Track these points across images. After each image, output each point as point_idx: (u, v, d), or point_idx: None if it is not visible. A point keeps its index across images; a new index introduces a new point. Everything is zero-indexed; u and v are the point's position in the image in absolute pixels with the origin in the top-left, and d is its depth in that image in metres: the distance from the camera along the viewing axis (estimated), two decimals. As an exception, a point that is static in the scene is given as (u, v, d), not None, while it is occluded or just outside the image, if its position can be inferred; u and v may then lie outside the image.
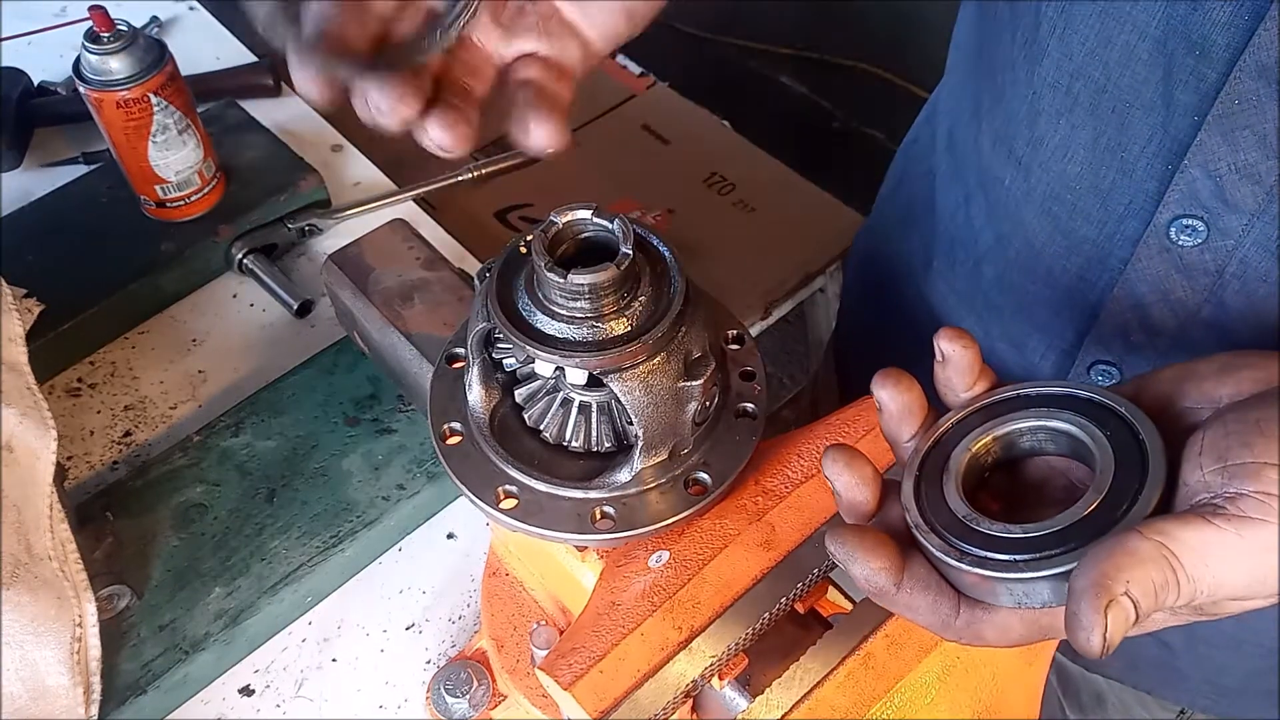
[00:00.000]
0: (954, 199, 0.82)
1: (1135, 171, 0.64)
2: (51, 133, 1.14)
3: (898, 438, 0.50)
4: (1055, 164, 0.68)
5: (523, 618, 0.71)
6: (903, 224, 0.93)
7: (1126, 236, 0.66)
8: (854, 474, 0.48)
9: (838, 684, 0.50)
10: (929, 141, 0.89)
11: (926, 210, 0.87)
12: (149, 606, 0.74)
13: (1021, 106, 0.69)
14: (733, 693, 0.53)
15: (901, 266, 0.92)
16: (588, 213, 0.52)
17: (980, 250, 0.80)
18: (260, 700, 0.76)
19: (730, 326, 0.62)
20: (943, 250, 0.85)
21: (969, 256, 0.81)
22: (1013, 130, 0.71)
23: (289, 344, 0.96)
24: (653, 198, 1.69)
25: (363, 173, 1.12)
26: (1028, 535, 0.43)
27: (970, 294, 0.82)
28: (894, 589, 0.45)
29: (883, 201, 1.01)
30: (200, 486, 0.80)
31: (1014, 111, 0.70)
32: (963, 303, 0.84)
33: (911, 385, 0.49)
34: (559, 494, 0.56)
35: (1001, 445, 0.49)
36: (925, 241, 0.87)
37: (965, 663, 0.52)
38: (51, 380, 0.93)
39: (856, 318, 1.07)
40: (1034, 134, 0.69)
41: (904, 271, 0.92)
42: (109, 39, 0.89)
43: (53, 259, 0.96)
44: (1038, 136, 0.68)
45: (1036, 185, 0.70)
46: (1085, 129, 0.65)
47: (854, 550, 0.45)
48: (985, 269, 0.79)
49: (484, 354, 0.57)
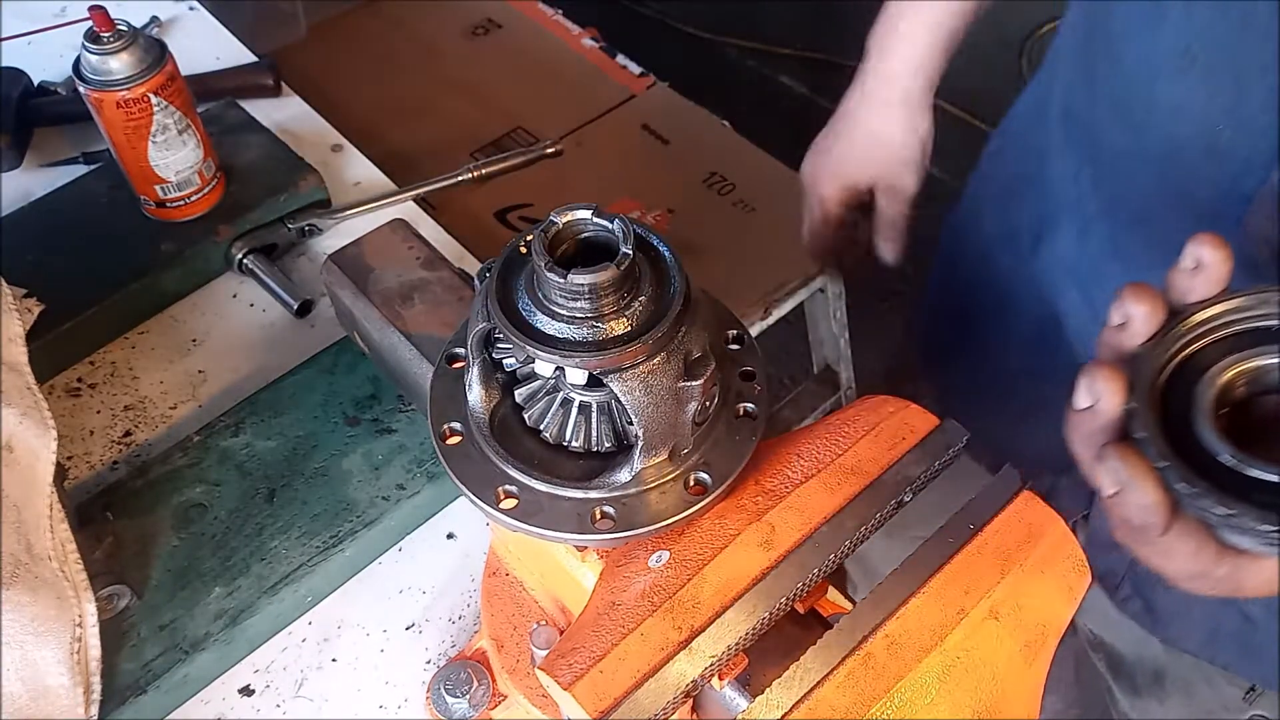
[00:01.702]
0: (1066, 169, 0.83)
1: (1252, 130, 0.64)
2: (51, 133, 1.14)
3: (1121, 349, 0.49)
4: (1170, 126, 0.69)
5: (523, 618, 0.71)
6: (1002, 201, 0.96)
7: (1241, 194, 0.66)
8: (1119, 387, 0.46)
9: (838, 684, 0.50)
10: (1036, 118, 0.91)
11: (1031, 185, 0.89)
12: (149, 606, 0.74)
13: (1140, 71, 0.70)
14: (733, 693, 0.53)
15: (1001, 242, 0.95)
16: (588, 213, 0.52)
17: (1088, 218, 0.81)
18: (260, 700, 0.76)
19: (730, 326, 0.62)
20: (1050, 222, 0.86)
21: (1075, 225, 0.82)
22: (1130, 95, 0.72)
23: (289, 344, 0.96)
24: (653, 198, 1.69)
25: (363, 173, 1.12)
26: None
27: (1075, 263, 0.84)
28: (1161, 528, 0.44)
29: (980, 179, 1.04)
30: (200, 486, 0.80)
31: (1132, 77, 0.71)
32: (1068, 274, 0.85)
33: (1161, 307, 0.48)
34: (559, 494, 0.56)
35: (1249, 380, 0.46)
36: (1032, 215, 0.89)
37: (965, 663, 0.52)
38: (51, 380, 0.93)
39: (946, 297, 1.10)
40: (1151, 97, 0.69)
41: (1003, 246, 0.94)
42: (109, 39, 0.89)
43: (53, 259, 0.96)
44: (1154, 99, 0.69)
45: (1151, 148, 0.71)
46: (1201, 90, 0.66)
47: (1136, 474, 0.44)
48: (1092, 237, 0.80)
49: (484, 354, 0.57)
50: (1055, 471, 0.94)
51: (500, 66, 1.90)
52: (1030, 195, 0.89)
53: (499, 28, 1.98)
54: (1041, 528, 0.55)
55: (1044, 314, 0.89)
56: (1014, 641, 0.53)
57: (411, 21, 1.99)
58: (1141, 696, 0.99)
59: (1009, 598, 0.53)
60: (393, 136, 1.74)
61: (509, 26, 1.98)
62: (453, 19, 1.99)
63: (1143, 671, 0.98)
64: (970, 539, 0.54)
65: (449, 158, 1.70)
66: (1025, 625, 0.53)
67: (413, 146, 1.73)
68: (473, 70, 1.89)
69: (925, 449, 0.57)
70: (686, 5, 3.03)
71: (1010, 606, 0.53)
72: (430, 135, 1.77)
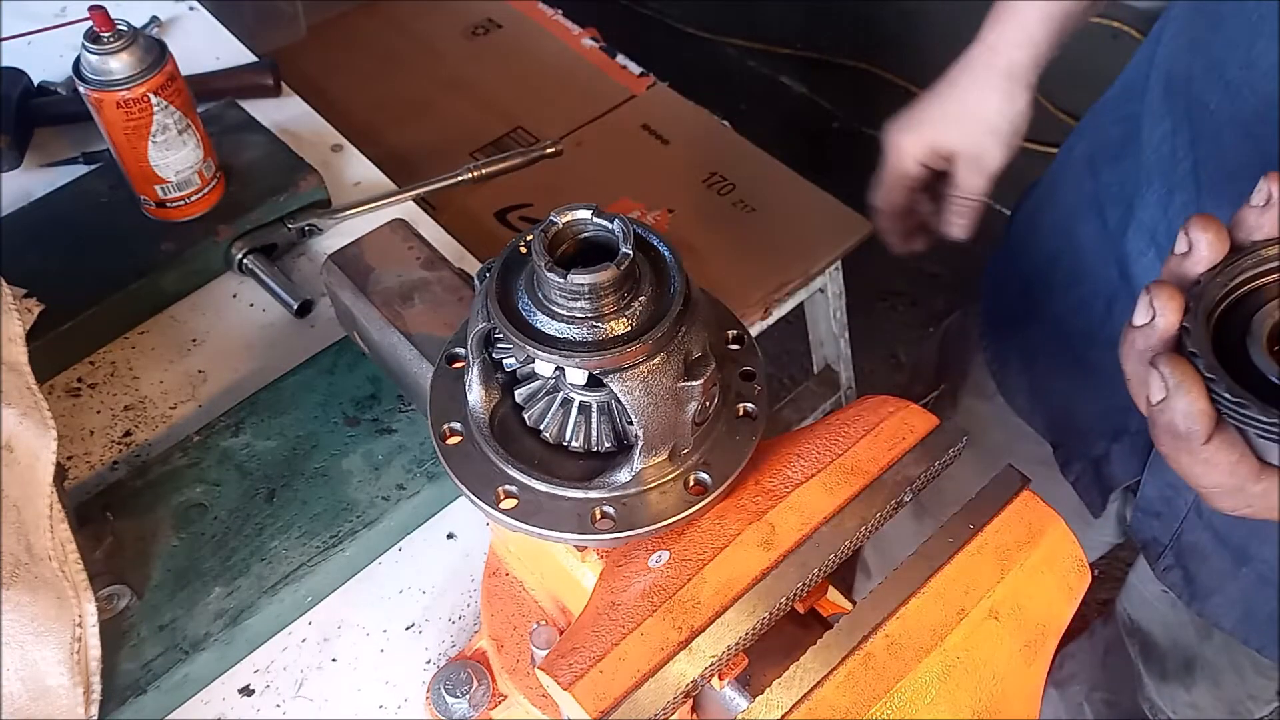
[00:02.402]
0: (1164, 131, 0.84)
1: None
2: (51, 133, 1.14)
3: (1185, 277, 0.50)
4: (1265, 84, 0.69)
5: (523, 618, 0.71)
6: (1096, 161, 0.96)
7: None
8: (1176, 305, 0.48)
9: (838, 684, 0.50)
10: (1132, 90, 0.92)
11: (1122, 153, 0.90)
12: (149, 606, 0.74)
13: (1243, 32, 0.70)
14: (733, 693, 0.53)
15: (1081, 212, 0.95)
16: (588, 213, 0.52)
17: (1176, 179, 0.81)
18: (260, 700, 0.76)
19: (730, 326, 0.62)
20: (1141, 187, 0.87)
21: (1164, 187, 0.83)
22: (1228, 55, 0.72)
23: (289, 344, 0.96)
24: (653, 198, 1.69)
25: (363, 173, 1.12)
26: None
27: (1155, 226, 0.84)
28: (1204, 436, 0.45)
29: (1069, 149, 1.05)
30: (200, 486, 0.80)
31: (1232, 37, 0.72)
32: (1148, 236, 0.85)
33: (1225, 238, 0.50)
34: (559, 494, 0.56)
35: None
36: (1120, 183, 0.90)
37: (965, 663, 0.52)
38: (51, 380, 0.93)
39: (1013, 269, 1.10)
40: (1250, 56, 0.70)
41: (1083, 217, 0.95)
42: (109, 39, 0.89)
43: (53, 259, 0.96)
44: (1253, 59, 0.70)
45: (1244, 107, 0.72)
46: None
47: (1185, 379, 0.46)
48: (1176, 199, 0.81)
49: (484, 354, 0.57)
50: (1109, 438, 0.94)
51: (500, 66, 1.90)
52: (1121, 161, 0.91)
53: (499, 28, 1.98)
54: (1042, 528, 0.55)
55: (1118, 280, 0.90)
56: (1014, 641, 0.53)
57: (411, 21, 1.99)
58: (1168, 682, 0.99)
59: (1009, 598, 0.53)
60: (393, 136, 1.74)
61: (509, 26, 1.98)
62: (453, 19, 1.99)
63: (1174, 658, 0.98)
64: (970, 539, 0.54)
65: (449, 158, 1.70)
66: (1025, 625, 0.53)
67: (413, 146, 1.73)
68: (473, 70, 1.89)
69: (925, 449, 0.57)
70: (686, 5, 3.03)
71: (1010, 606, 0.53)
72: (430, 135, 1.77)
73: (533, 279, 0.52)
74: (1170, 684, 0.99)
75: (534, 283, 0.52)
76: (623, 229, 0.51)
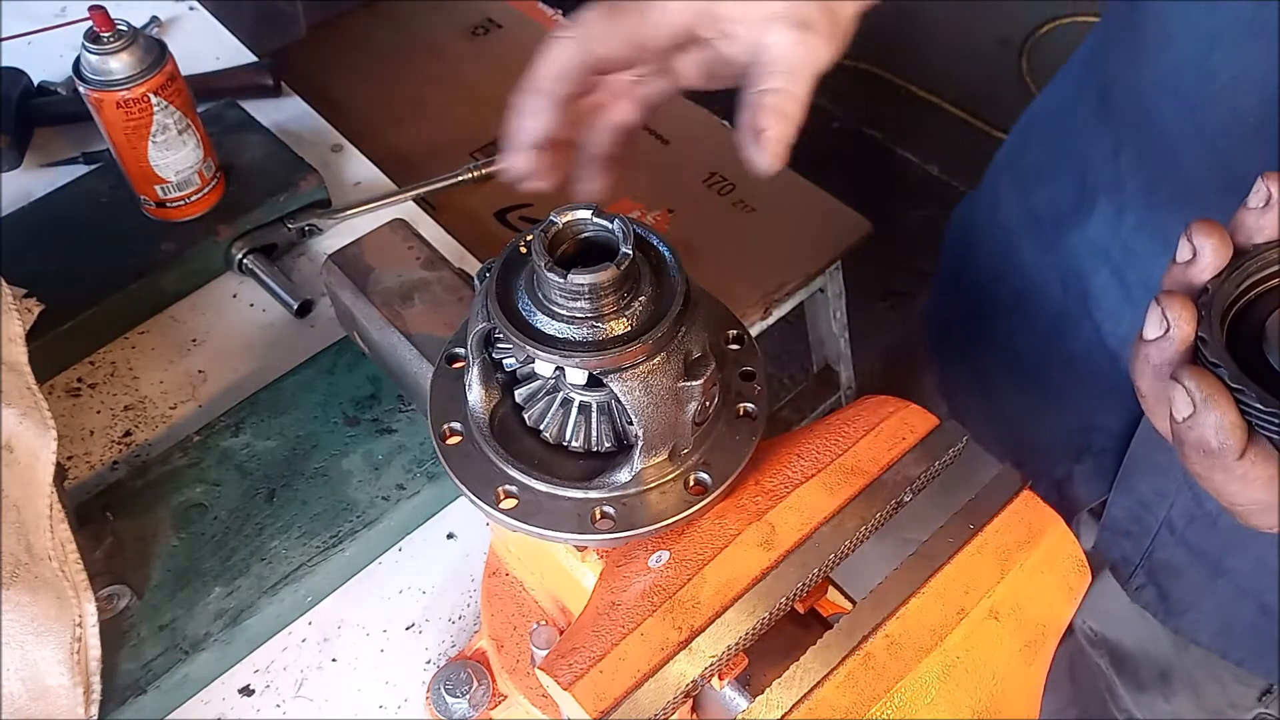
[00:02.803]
0: (1105, 149, 0.82)
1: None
2: (51, 133, 1.14)
3: (1189, 283, 0.49)
4: (1227, 97, 0.67)
5: (523, 618, 0.71)
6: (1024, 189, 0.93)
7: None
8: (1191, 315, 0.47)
9: (838, 684, 0.50)
10: (1068, 105, 0.88)
11: (1059, 169, 0.87)
12: (149, 606, 0.74)
13: (1196, 44, 0.68)
14: (733, 693, 0.53)
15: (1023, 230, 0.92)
16: (588, 213, 0.52)
17: (1124, 198, 0.79)
18: (260, 700, 0.76)
19: (730, 326, 0.62)
20: (1082, 204, 0.85)
21: (1112, 206, 0.81)
22: (1181, 68, 0.70)
23: (289, 344, 0.96)
24: (653, 198, 1.69)
25: (363, 173, 1.12)
26: None
27: (1108, 244, 0.82)
28: (1238, 451, 0.44)
29: (999, 166, 1.01)
30: (200, 486, 0.80)
31: (1186, 50, 0.69)
32: (1099, 255, 0.84)
33: (1229, 243, 0.48)
34: (559, 494, 0.56)
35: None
36: (1059, 199, 0.87)
37: (965, 663, 0.52)
38: (51, 380, 0.93)
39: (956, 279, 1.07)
40: (1205, 69, 0.68)
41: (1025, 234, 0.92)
42: (109, 39, 0.89)
43: (53, 259, 0.96)
44: (1210, 70, 0.67)
45: (1205, 120, 0.69)
46: (1266, 59, 0.64)
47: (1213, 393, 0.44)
48: (1128, 216, 0.79)
49: (484, 354, 0.57)
50: (1071, 459, 0.94)
51: (500, 66, 1.90)
52: (1058, 180, 0.89)
53: (499, 28, 1.98)
54: (1041, 528, 0.56)
55: (1068, 299, 0.89)
56: (1014, 641, 0.53)
57: (411, 21, 1.99)
58: (1146, 693, 0.98)
59: (1009, 598, 0.53)
60: (393, 136, 1.74)
61: (509, 26, 1.98)
62: (453, 19, 1.99)
63: (1148, 668, 0.97)
64: (970, 539, 0.54)
65: (449, 158, 1.70)
66: (1025, 625, 0.53)
67: (413, 146, 1.73)
68: (473, 70, 1.89)
69: (925, 449, 0.57)
70: (686, 5, 3.02)
71: (1010, 606, 0.53)
72: (430, 135, 1.77)
73: (533, 279, 0.52)
74: (1148, 694, 0.98)
75: (534, 283, 0.52)
76: (623, 229, 0.51)
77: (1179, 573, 0.88)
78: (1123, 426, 0.87)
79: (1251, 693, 0.92)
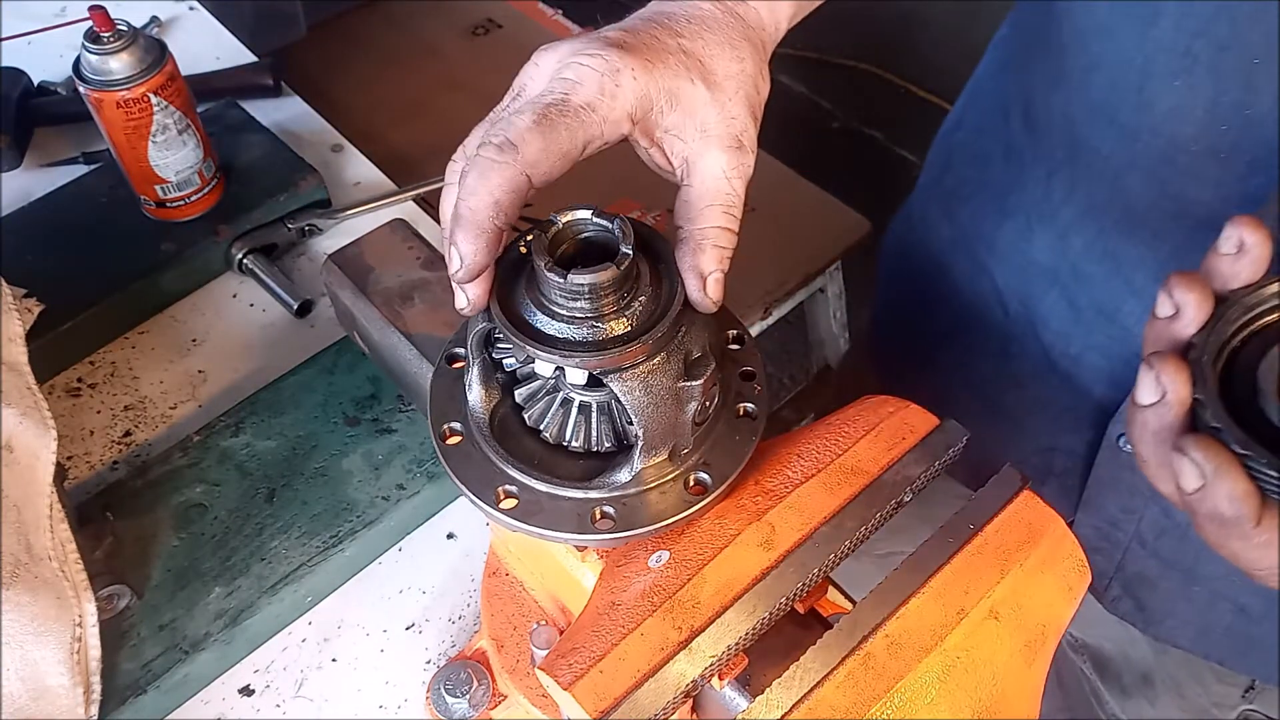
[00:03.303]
0: (1036, 174, 0.81)
1: (1263, 126, 0.62)
2: (51, 133, 1.14)
3: (1174, 339, 0.48)
4: (1168, 126, 0.67)
5: (523, 618, 0.71)
6: (952, 204, 0.92)
7: (1248, 195, 0.65)
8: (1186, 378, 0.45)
9: (838, 684, 0.50)
10: (991, 120, 0.87)
11: (987, 187, 0.86)
12: (149, 606, 0.74)
13: (1128, 73, 0.67)
14: (733, 693, 0.53)
15: (954, 245, 0.91)
16: (588, 213, 0.52)
17: (1065, 222, 0.79)
18: (260, 700, 0.76)
19: (730, 326, 0.62)
20: (1019, 225, 0.84)
21: (1051, 230, 0.80)
22: (1115, 97, 0.69)
23: (289, 344, 0.96)
24: (653, 198, 1.69)
25: (363, 173, 1.12)
26: None
27: (1055, 266, 0.82)
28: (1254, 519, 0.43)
29: (924, 189, 0.99)
30: (200, 486, 0.80)
31: (1118, 79, 0.68)
32: (1046, 277, 0.83)
33: (1210, 294, 0.48)
34: (559, 494, 0.56)
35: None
36: (988, 217, 0.86)
37: (965, 663, 0.52)
38: (51, 380, 0.93)
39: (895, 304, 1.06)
40: (1142, 99, 0.67)
41: (958, 251, 0.91)
42: (109, 39, 0.89)
43: (53, 259, 0.96)
44: (1146, 101, 0.67)
45: (1144, 151, 0.69)
46: (1205, 88, 0.64)
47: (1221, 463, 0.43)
48: (1074, 240, 0.79)
49: (484, 354, 0.57)
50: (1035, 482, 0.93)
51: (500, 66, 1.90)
52: (984, 200, 0.87)
53: (499, 28, 1.98)
54: (1041, 528, 0.55)
55: (1010, 321, 0.88)
56: (1014, 641, 0.53)
57: (411, 21, 1.99)
58: (1132, 697, 0.98)
59: (1009, 598, 0.53)
60: (393, 136, 1.74)
61: (509, 26, 1.98)
62: (453, 19, 1.99)
63: (1130, 672, 0.97)
64: (970, 539, 0.54)
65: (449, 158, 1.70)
66: (1025, 625, 0.53)
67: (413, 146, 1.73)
68: (473, 70, 1.89)
69: (925, 449, 0.57)
70: (686, 5, 3.02)
71: (1010, 606, 0.53)
72: (430, 135, 1.77)
73: (533, 279, 0.52)
74: (1134, 699, 0.98)
75: (534, 283, 0.52)
76: (623, 229, 0.51)
77: (1153, 583, 0.88)
78: (1084, 447, 0.87)
79: (1235, 691, 0.92)
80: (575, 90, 0.54)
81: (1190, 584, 0.85)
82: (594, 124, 0.54)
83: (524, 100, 0.57)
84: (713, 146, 0.57)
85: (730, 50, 0.58)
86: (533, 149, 0.52)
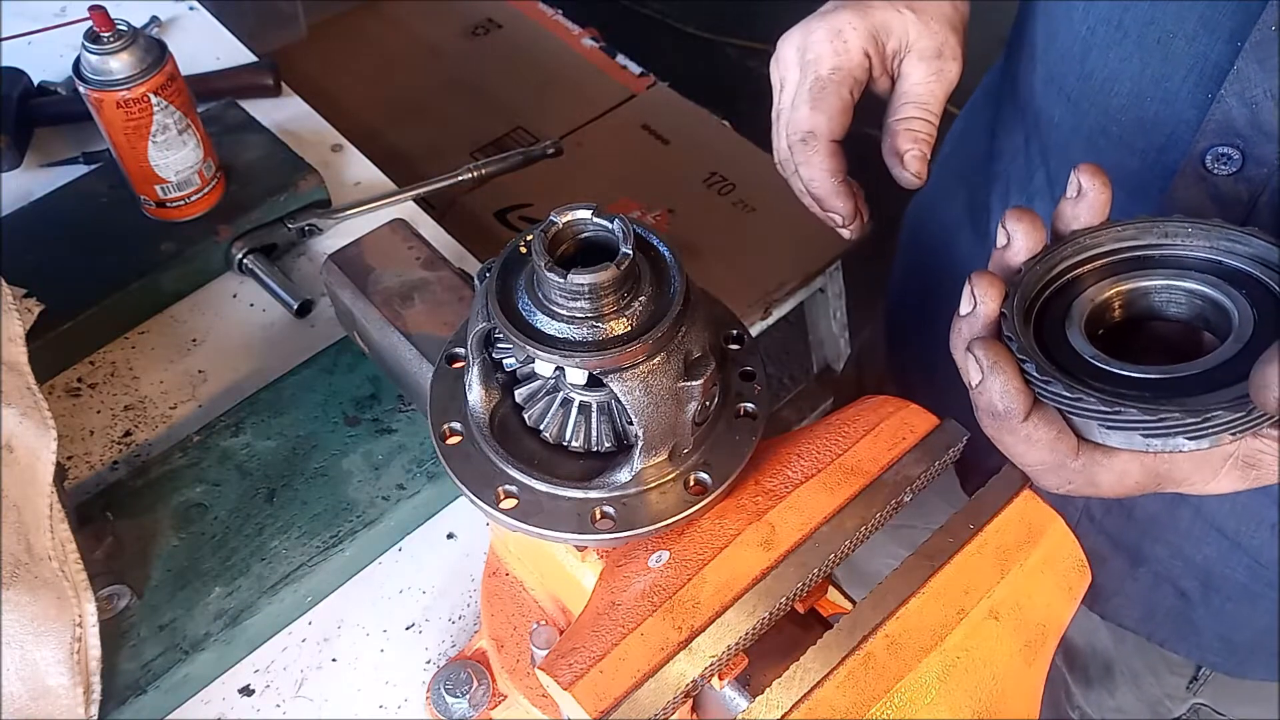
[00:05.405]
0: (1014, 143, 0.84)
1: (1176, 101, 0.66)
2: (51, 133, 1.14)
3: (1009, 268, 0.54)
4: (1102, 97, 0.70)
5: (523, 618, 0.71)
6: (963, 182, 0.95)
7: (1166, 167, 0.68)
8: (996, 294, 0.51)
9: (838, 684, 0.50)
10: (991, 99, 0.91)
11: (987, 164, 0.89)
12: (149, 606, 0.74)
13: (1074, 44, 0.71)
14: (733, 693, 0.53)
15: (962, 224, 0.94)
16: (588, 213, 0.52)
17: (1033, 190, 0.82)
18: (260, 700, 0.76)
19: (730, 326, 0.62)
20: (999, 195, 0.87)
21: (1023, 197, 0.84)
22: (1065, 68, 0.73)
23: (289, 344, 0.96)
24: (653, 198, 1.69)
25: (363, 173, 1.12)
26: (1170, 376, 0.44)
27: None
28: (1022, 415, 0.48)
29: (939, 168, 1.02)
30: (200, 486, 0.80)
31: (1067, 49, 0.72)
32: None
33: (1040, 228, 0.54)
34: (559, 494, 0.56)
35: (1125, 301, 0.51)
36: (985, 190, 0.89)
37: (965, 663, 0.52)
38: (51, 380, 0.93)
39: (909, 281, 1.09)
40: (1084, 69, 0.71)
41: (964, 228, 0.94)
42: (109, 39, 0.89)
43: (53, 259, 0.96)
44: (1087, 71, 0.71)
45: (1084, 120, 0.73)
46: (1132, 61, 0.67)
47: (999, 360, 0.49)
48: (1037, 206, 0.81)
49: (484, 354, 0.57)
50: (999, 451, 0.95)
51: (500, 66, 1.91)
52: (986, 174, 0.90)
53: (499, 28, 1.98)
54: (1041, 528, 0.56)
55: None
56: (1014, 641, 0.53)
57: (411, 21, 1.99)
58: (1094, 689, 0.99)
59: (1009, 598, 0.53)
60: (393, 136, 1.74)
61: (509, 26, 1.98)
62: (453, 19, 1.99)
63: (1095, 663, 0.98)
64: (970, 539, 0.54)
65: (449, 158, 1.70)
66: (1025, 625, 0.53)
67: (413, 146, 1.73)
68: (473, 70, 1.89)
69: (925, 449, 0.57)
70: (686, 5, 3.03)
71: (1010, 606, 0.53)
72: (430, 135, 1.77)
73: (533, 279, 0.52)
74: (1096, 690, 0.99)
75: (534, 283, 0.52)
76: (623, 229, 0.51)
77: (1102, 560, 0.90)
78: None
79: (1182, 682, 0.92)
80: (819, 64, 0.71)
81: (1136, 565, 0.87)
82: (845, 78, 0.71)
83: (789, 92, 0.74)
84: (915, 59, 0.72)
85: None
86: (822, 125, 0.71)
